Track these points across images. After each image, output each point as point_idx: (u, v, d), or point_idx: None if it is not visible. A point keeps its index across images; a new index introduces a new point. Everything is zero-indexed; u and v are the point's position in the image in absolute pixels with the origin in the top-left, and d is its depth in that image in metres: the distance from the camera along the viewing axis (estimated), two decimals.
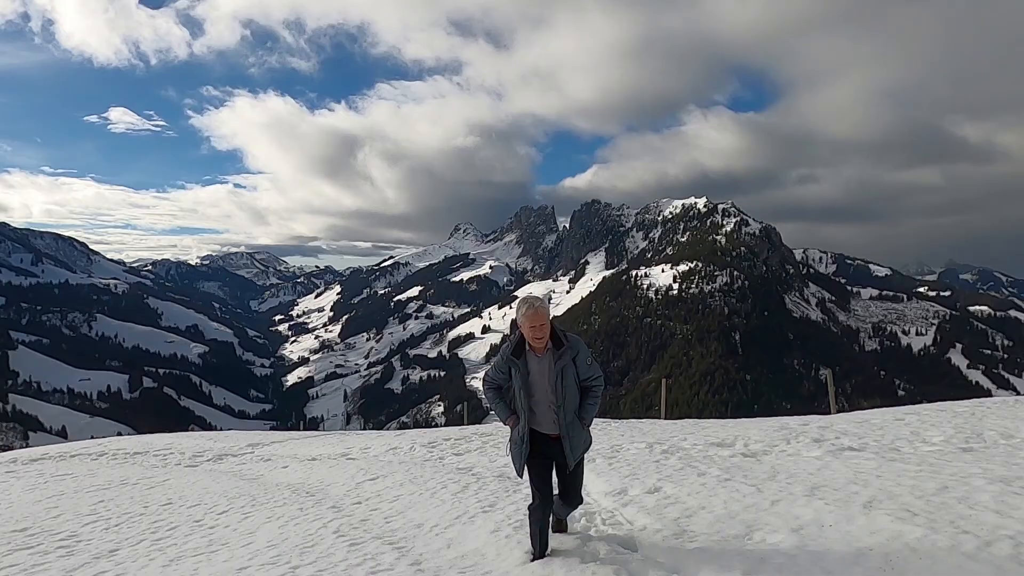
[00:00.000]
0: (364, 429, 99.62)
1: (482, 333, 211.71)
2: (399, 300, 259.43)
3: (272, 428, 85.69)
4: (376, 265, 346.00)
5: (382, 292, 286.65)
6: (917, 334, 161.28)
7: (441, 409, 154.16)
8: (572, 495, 3.86)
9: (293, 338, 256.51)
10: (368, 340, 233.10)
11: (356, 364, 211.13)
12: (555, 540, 4.01)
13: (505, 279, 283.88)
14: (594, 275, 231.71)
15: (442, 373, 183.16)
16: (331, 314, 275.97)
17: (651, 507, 4.69)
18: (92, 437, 29.15)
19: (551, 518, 4.00)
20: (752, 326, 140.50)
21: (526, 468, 3.78)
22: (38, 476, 9.95)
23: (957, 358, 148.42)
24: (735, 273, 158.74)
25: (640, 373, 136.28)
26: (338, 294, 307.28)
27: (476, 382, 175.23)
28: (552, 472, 3.80)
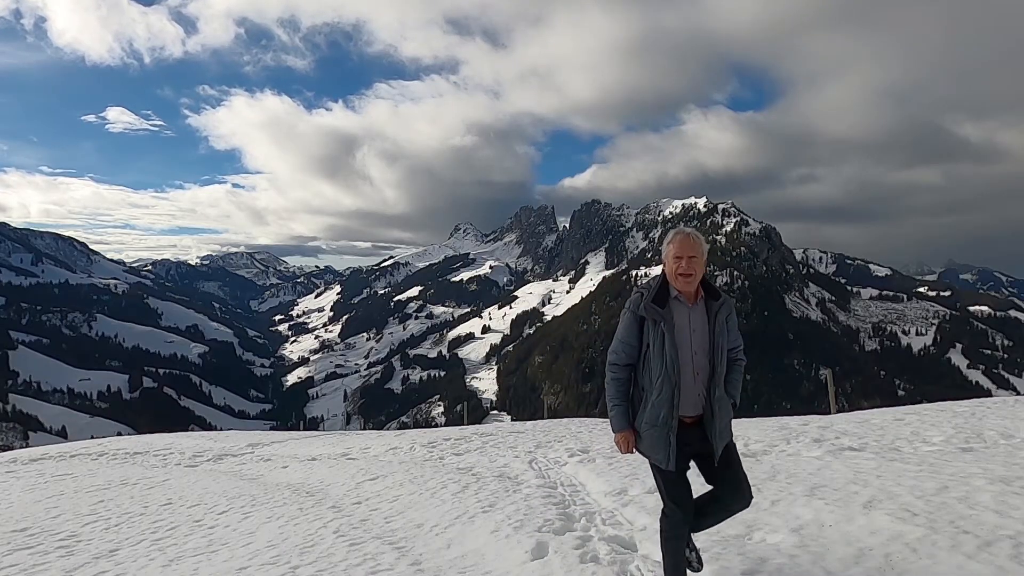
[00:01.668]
0: (364, 429, 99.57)
1: (482, 333, 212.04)
2: (399, 300, 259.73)
3: (272, 428, 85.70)
4: (376, 265, 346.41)
5: (382, 292, 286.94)
6: (917, 334, 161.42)
7: (441, 409, 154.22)
8: (744, 485, 2.89)
9: (293, 338, 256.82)
10: (368, 340, 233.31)
11: (356, 364, 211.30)
12: (555, 541, 4.00)
13: (505, 279, 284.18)
14: (594, 275, 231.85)
15: (442, 373, 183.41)
16: (331, 314, 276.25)
17: (651, 507, 4.67)
18: (92, 437, 29.14)
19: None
20: (752, 326, 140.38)
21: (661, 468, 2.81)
22: (38, 476, 9.94)
23: (957, 358, 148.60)
24: (735, 273, 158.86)
25: None
26: (338, 294, 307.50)
27: (476, 382, 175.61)
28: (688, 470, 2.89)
